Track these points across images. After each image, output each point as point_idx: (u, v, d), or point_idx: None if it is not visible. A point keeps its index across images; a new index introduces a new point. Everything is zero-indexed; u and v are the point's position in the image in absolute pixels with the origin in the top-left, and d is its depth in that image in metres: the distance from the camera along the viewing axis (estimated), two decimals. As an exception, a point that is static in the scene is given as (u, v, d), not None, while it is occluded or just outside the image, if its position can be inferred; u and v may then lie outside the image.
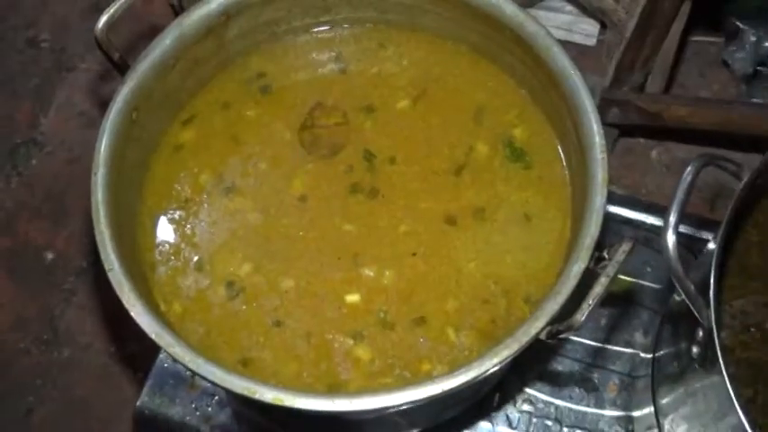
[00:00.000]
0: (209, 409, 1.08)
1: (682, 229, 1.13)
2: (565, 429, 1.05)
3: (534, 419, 1.06)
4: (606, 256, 0.74)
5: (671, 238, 0.69)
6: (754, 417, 0.82)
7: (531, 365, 1.09)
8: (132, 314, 0.76)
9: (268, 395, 0.71)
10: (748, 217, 0.89)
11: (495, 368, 0.72)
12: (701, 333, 0.72)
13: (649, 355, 0.99)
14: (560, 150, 0.92)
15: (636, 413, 1.04)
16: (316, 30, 1.01)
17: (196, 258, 0.89)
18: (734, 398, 0.67)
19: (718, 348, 0.68)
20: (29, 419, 1.60)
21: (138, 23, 1.28)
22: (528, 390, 1.08)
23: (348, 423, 0.93)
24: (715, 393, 0.73)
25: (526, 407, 1.07)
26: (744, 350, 0.84)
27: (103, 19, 0.85)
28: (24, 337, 1.66)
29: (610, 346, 1.11)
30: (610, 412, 1.07)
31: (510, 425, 1.06)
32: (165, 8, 0.93)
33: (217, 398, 1.08)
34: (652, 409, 0.95)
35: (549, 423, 1.06)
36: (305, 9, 0.98)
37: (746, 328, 0.85)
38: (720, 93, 1.75)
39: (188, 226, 0.91)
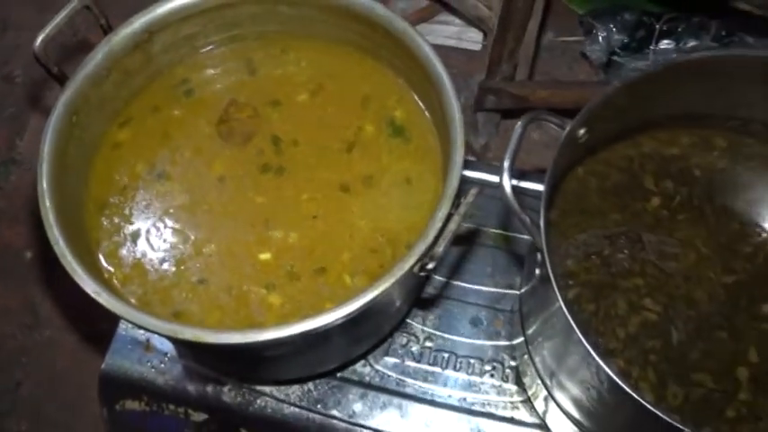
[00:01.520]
0: (163, 365, 1.09)
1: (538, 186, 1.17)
2: (461, 359, 1.08)
3: (434, 353, 1.08)
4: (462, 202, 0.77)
5: (506, 181, 0.71)
6: (596, 326, 0.86)
7: (431, 310, 1.12)
8: (75, 278, 0.77)
9: (188, 334, 0.73)
10: (587, 167, 0.93)
11: (378, 298, 0.75)
12: (539, 257, 0.75)
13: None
14: (432, 125, 0.95)
15: (514, 342, 1.07)
16: (229, 42, 1.02)
17: (133, 233, 0.90)
18: (560, 301, 0.69)
19: (549, 267, 0.71)
20: (18, 391, 1.61)
21: (74, 42, 1.30)
22: (428, 329, 1.10)
23: (272, 361, 0.94)
24: (560, 314, 0.74)
25: (428, 343, 1.09)
26: (586, 274, 0.87)
27: (40, 38, 0.86)
28: (10, 324, 1.68)
29: (496, 289, 1.13)
30: (497, 342, 1.09)
31: (414, 358, 1.08)
32: (96, 28, 0.94)
33: (169, 355, 1.09)
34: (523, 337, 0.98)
35: (446, 355, 1.08)
36: (217, 25, 1.00)
37: (588, 256, 0.88)
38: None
39: (126, 208, 0.92)
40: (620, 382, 0.69)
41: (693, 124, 0.93)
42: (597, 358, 0.69)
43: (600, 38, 1.67)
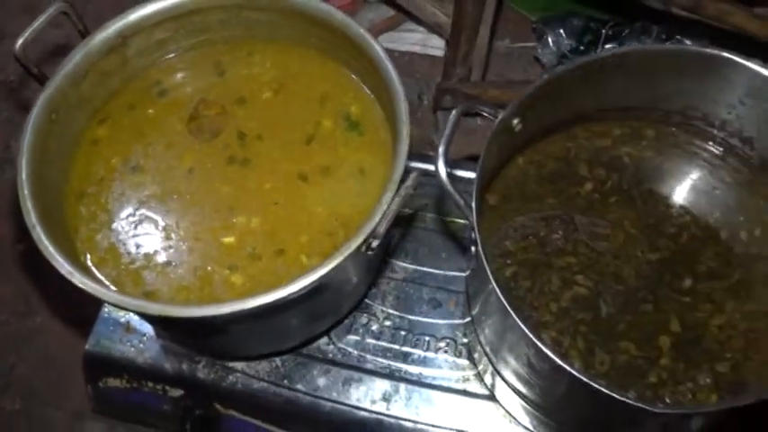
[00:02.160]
0: (142, 345, 1.10)
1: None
2: (417, 336, 1.10)
3: (393, 331, 1.10)
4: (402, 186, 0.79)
5: (442, 166, 0.73)
6: (531, 301, 0.87)
7: (390, 291, 1.13)
8: (51, 262, 0.78)
9: (154, 309, 0.75)
10: (526, 156, 0.95)
11: (330, 275, 0.77)
12: (473, 235, 0.77)
13: (470, 274, 1.04)
14: (384, 120, 0.96)
15: (465, 320, 1.08)
16: (198, 46, 1.04)
17: (108, 221, 0.92)
18: (490, 276, 0.71)
19: (479, 242, 0.73)
20: (12, 374, 1.63)
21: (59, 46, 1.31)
22: (388, 310, 1.12)
23: (240, 337, 0.96)
24: (494, 291, 0.75)
25: (387, 322, 1.11)
26: (523, 253, 0.89)
27: (20, 41, 0.88)
28: (5, 311, 1.70)
29: (449, 272, 1.15)
30: (451, 321, 1.11)
31: (374, 336, 1.10)
32: (74, 32, 0.95)
33: (147, 336, 1.10)
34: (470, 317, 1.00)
35: (404, 333, 1.10)
36: (187, 31, 1.01)
37: (526, 237, 0.90)
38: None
39: (103, 198, 0.93)
40: (546, 350, 0.71)
41: (624, 116, 0.95)
42: (524, 328, 0.71)
43: (551, 43, 1.69)
